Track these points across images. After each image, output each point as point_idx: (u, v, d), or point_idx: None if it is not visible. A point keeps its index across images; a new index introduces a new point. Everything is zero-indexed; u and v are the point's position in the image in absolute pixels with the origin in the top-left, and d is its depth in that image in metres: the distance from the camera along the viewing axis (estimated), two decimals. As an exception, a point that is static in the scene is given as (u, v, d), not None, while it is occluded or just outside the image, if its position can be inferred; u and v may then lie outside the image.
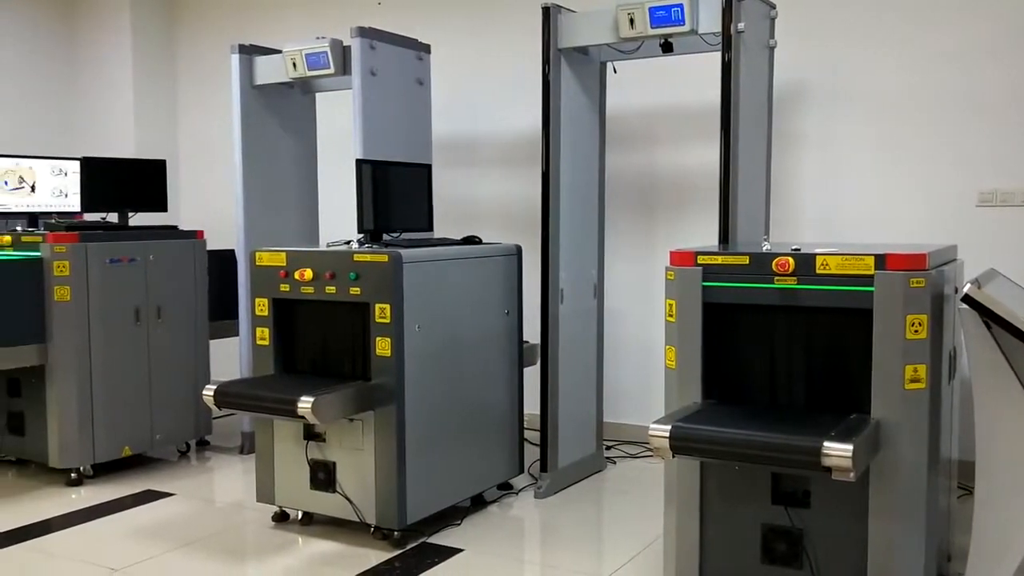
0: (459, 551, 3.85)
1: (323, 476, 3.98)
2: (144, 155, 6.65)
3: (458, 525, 4.13)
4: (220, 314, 5.50)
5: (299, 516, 4.17)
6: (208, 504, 4.64)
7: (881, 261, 2.82)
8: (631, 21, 4.18)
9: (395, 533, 3.86)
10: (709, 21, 4.07)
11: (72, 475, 4.79)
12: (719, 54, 4.02)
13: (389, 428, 3.81)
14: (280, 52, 5.14)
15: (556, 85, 4.48)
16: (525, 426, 4.64)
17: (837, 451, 2.58)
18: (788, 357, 3.12)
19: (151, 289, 5.04)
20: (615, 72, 4.89)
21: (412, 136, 5.10)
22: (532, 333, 4.65)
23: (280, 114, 5.49)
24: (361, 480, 3.90)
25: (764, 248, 3.15)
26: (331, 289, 3.88)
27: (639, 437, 5.12)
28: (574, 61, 4.60)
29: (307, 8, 6.44)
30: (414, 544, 3.90)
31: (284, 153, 5.53)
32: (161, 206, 5.40)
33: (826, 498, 2.99)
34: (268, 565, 3.81)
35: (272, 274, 4.03)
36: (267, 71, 5.28)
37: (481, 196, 5.90)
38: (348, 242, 4.11)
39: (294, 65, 5.05)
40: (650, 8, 4.11)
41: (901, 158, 4.76)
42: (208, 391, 3.88)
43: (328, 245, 4.18)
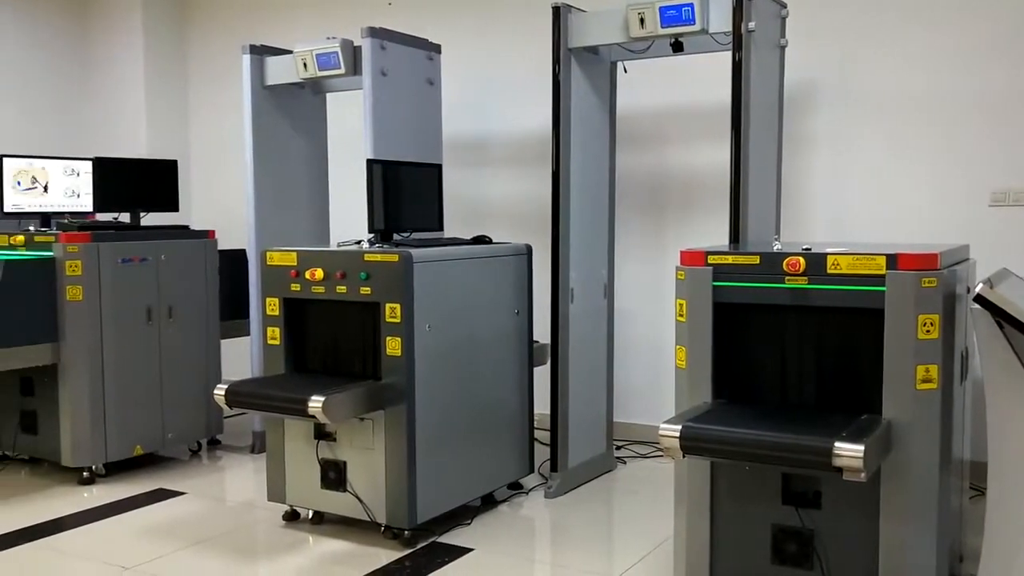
0: (469, 550, 3.85)
1: (334, 475, 4.00)
2: (156, 155, 6.67)
3: (468, 524, 4.14)
4: (231, 314, 5.51)
5: (310, 515, 4.18)
6: (219, 503, 4.66)
7: (893, 261, 2.82)
8: (641, 21, 4.17)
9: (405, 532, 3.87)
10: (719, 20, 4.07)
11: (84, 474, 4.82)
12: (730, 54, 4.01)
13: (399, 427, 3.82)
14: (291, 52, 5.15)
15: (566, 85, 4.48)
16: (535, 426, 4.64)
17: (848, 451, 2.58)
18: (799, 357, 3.11)
19: (163, 289, 5.07)
20: (625, 72, 4.89)
21: (423, 136, 5.10)
22: (542, 333, 4.65)
23: (291, 114, 5.51)
24: (371, 479, 3.90)
25: (775, 248, 3.14)
26: (342, 289, 3.89)
27: (649, 437, 5.11)
28: (584, 61, 4.60)
29: (318, 8, 6.45)
30: (424, 543, 3.91)
31: (295, 153, 5.55)
32: (173, 206, 5.42)
33: (837, 499, 2.98)
34: (279, 564, 3.83)
35: (283, 274, 4.04)
36: (278, 71, 5.29)
37: (491, 196, 5.91)
38: (359, 242, 4.12)
39: (305, 65, 5.06)
40: (660, 7, 4.11)
41: (913, 158, 4.74)
42: (219, 390, 3.89)
43: (339, 245, 4.19)
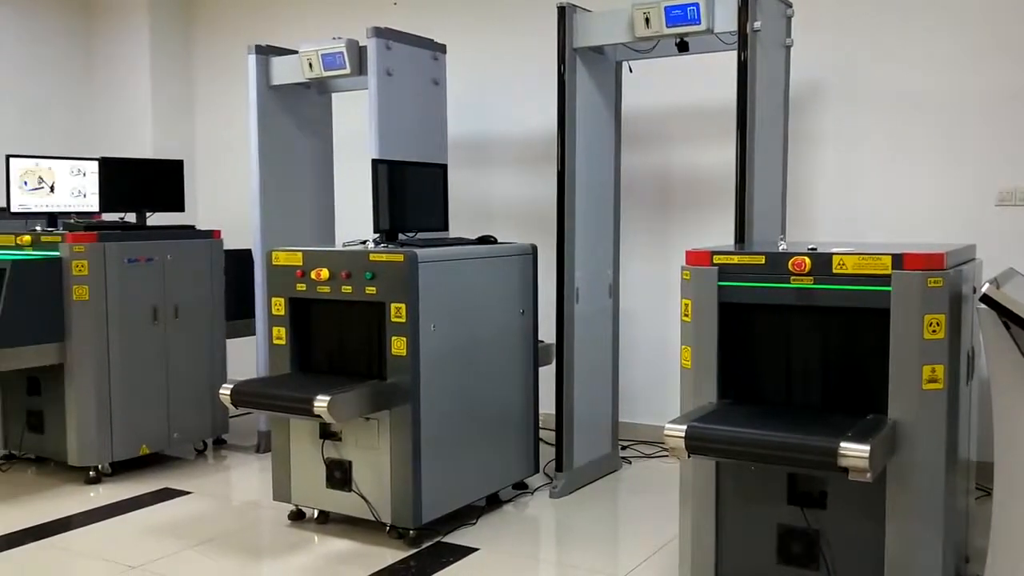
0: (474, 550, 3.85)
1: (339, 475, 4.00)
2: (161, 155, 6.69)
3: (473, 524, 4.14)
4: (237, 313, 5.52)
5: (315, 515, 4.19)
6: (225, 502, 4.67)
7: (898, 261, 2.81)
8: (647, 20, 4.17)
9: (410, 532, 3.87)
10: (725, 20, 4.06)
11: (91, 473, 4.83)
12: (735, 53, 4.01)
13: (405, 427, 3.82)
14: (296, 52, 5.16)
15: (571, 85, 4.48)
16: (540, 426, 4.63)
17: (854, 451, 2.57)
18: (804, 357, 3.11)
19: (168, 288, 5.07)
20: (631, 71, 4.88)
21: (428, 136, 5.11)
22: (547, 333, 4.65)
23: (296, 114, 5.52)
24: (377, 479, 3.91)
25: (780, 248, 3.13)
26: (347, 289, 3.89)
27: (654, 437, 5.10)
28: (589, 60, 4.60)
29: (323, 8, 6.46)
30: (429, 543, 3.91)
31: (300, 153, 5.55)
32: (178, 206, 5.43)
33: (843, 499, 2.97)
34: (284, 563, 3.83)
35: (288, 273, 4.05)
36: (283, 71, 5.30)
37: (496, 196, 5.91)
38: (364, 242, 4.12)
39: (310, 65, 5.07)
40: (666, 7, 4.11)
41: (919, 157, 4.73)
42: (225, 390, 3.90)
43: (344, 245, 4.20)
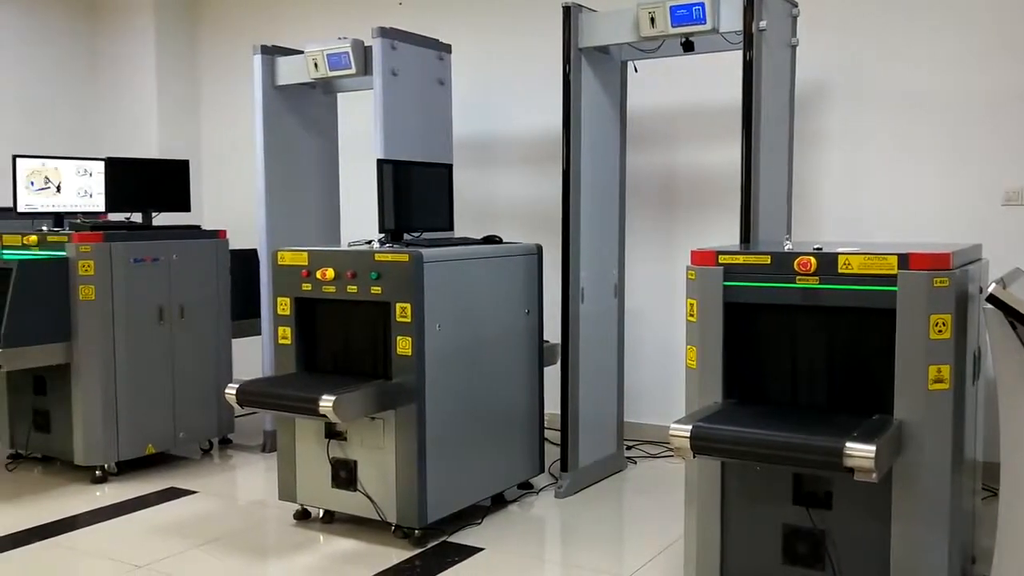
0: (479, 550, 3.86)
1: (344, 474, 4.00)
2: (167, 155, 6.70)
3: (478, 524, 4.14)
4: (242, 313, 5.53)
5: (320, 514, 4.19)
6: (230, 502, 4.68)
7: (904, 261, 2.80)
8: (652, 20, 4.17)
9: (416, 532, 3.88)
10: (730, 20, 4.06)
11: (97, 472, 4.84)
12: (740, 53, 4.00)
13: (410, 427, 3.82)
14: (302, 52, 5.16)
15: (576, 84, 4.48)
16: (545, 425, 4.63)
17: (860, 451, 2.57)
18: (810, 357, 3.10)
19: (174, 288, 5.08)
20: (636, 71, 4.88)
21: (433, 136, 5.11)
22: (552, 332, 4.65)
23: (302, 114, 5.52)
24: (382, 479, 3.91)
25: (786, 247, 3.12)
26: (352, 288, 3.90)
27: (660, 437, 5.08)
28: (595, 60, 4.60)
29: (328, 8, 6.47)
30: (435, 543, 3.91)
31: (306, 153, 5.56)
32: (184, 206, 5.44)
33: (848, 499, 2.97)
34: (289, 563, 3.84)
35: (294, 273, 4.05)
36: (289, 71, 5.30)
37: (501, 195, 5.91)
38: (369, 241, 4.12)
39: (316, 65, 5.07)
40: (671, 7, 4.11)
41: (925, 157, 4.72)
42: (230, 390, 3.91)
43: (349, 244, 4.20)
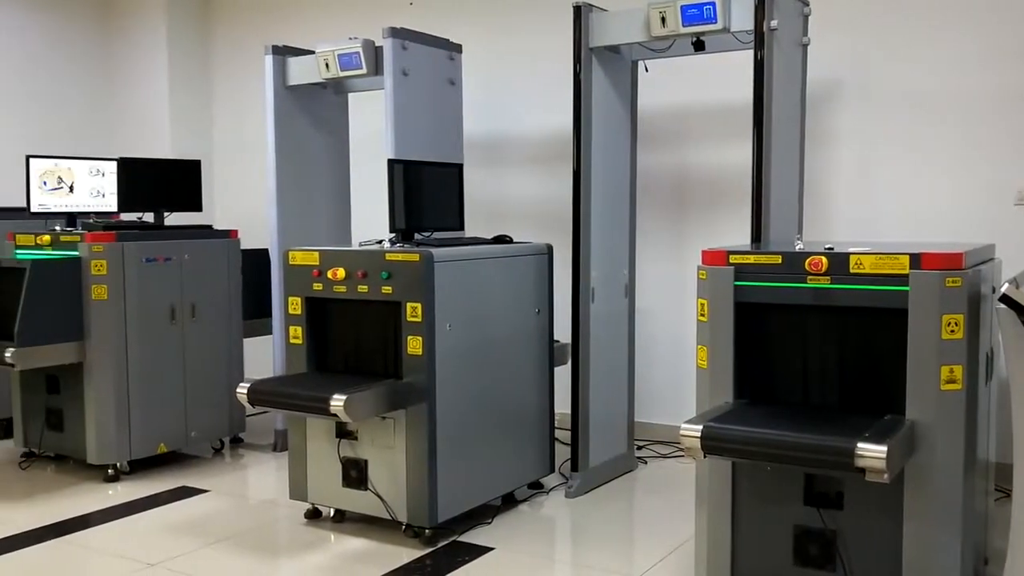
0: (490, 549, 3.86)
1: (355, 474, 4.01)
2: (179, 155, 6.73)
3: (489, 524, 4.14)
4: (254, 313, 5.55)
5: (331, 513, 4.20)
6: (242, 501, 4.69)
7: (916, 260, 2.79)
8: (663, 19, 4.16)
9: (426, 531, 3.88)
10: (741, 19, 4.05)
11: (109, 471, 4.86)
12: (752, 52, 3.99)
13: (420, 426, 3.83)
14: (313, 53, 5.18)
15: (587, 84, 4.47)
16: (556, 425, 4.63)
17: (871, 452, 2.56)
18: (821, 357, 3.09)
19: (186, 288, 5.10)
20: (646, 71, 4.87)
21: (443, 136, 5.11)
22: (563, 332, 4.65)
23: (313, 114, 5.54)
24: (393, 478, 3.92)
25: (797, 247, 3.12)
26: (363, 288, 3.91)
27: (670, 437, 5.09)
28: (605, 60, 4.59)
29: (339, 9, 6.48)
30: (445, 542, 3.92)
31: (317, 153, 5.57)
32: (196, 206, 5.46)
33: (860, 500, 2.96)
34: (300, 562, 3.85)
35: (305, 273, 4.06)
36: (300, 72, 5.32)
37: (512, 195, 5.91)
38: (380, 241, 4.13)
39: (327, 66, 5.08)
40: (682, 6, 4.10)
41: (937, 156, 4.69)
42: (242, 389, 3.92)
43: (360, 244, 4.21)
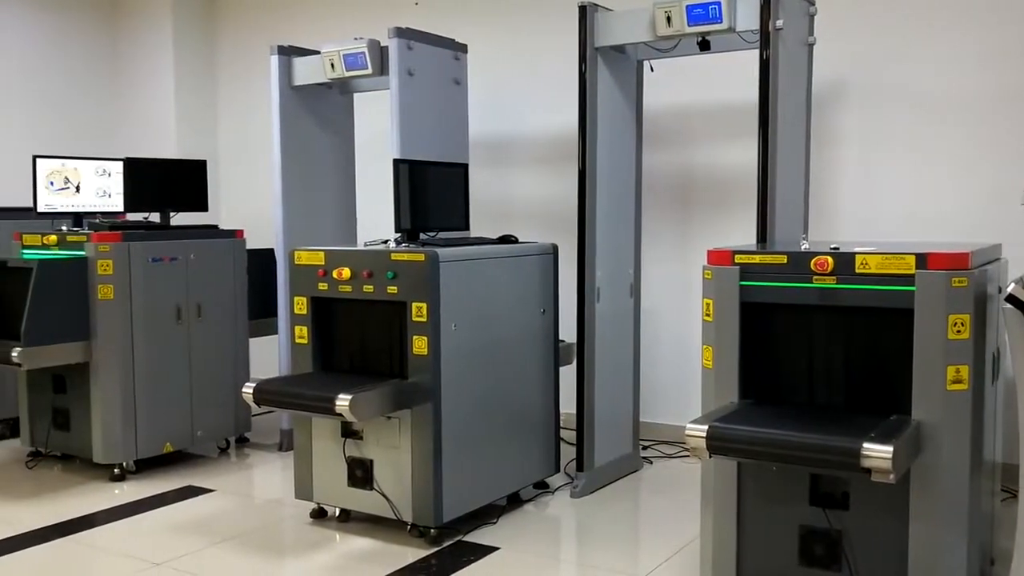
0: (495, 549, 3.86)
1: (360, 473, 4.02)
2: (185, 155, 6.74)
3: (494, 523, 4.14)
4: (259, 312, 5.55)
5: (337, 513, 4.21)
6: (247, 500, 4.70)
7: (922, 260, 2.79)
8: (668, 19, 4.16)
9: (431, 531, 3.89)
10: (747, 18, 4.04)
11: (115, 470, 4.87)
12: (757, 52, 3.99)
13: (426, 426, 3.83)
14: (318, 53, 5.18)
15: (592, 84, 4.47)
16: (561, 425, 4.63)
17: (877, 452, 2.55)
18: (827, 357, 3.09)
19: (192, 288, 5.11)
20: (652, 70, 4.87)
21: (449, 135, 5.12)
22: (568, 332, 4.65)
23: (318, 114, 5.54)
24: (398, 478, 3.92)
25: (802, 247, 3.12)
26: (369, 288, 3.91)
27: (676, 437, 5.09)
28: (611, 60, 4.59)
29: (345, 9, 6.49)
30: (450, 542, 3.92)
31: (322, 153, 5.58)
32: (202, 206, 5.47)
33: (865, 500, 2.95)
34: (306, 561, 3.85)
35: (311, 273, 4.07)
36: (306, 72, 5.32)
37: (517, 195, 5.91)
38: (385, 241, 4.14)
39: (332, 66, 5.09)
40: (687, 6, 4.09)
41: (943, 156, 4.68)
42: (248, 389, 3.92)
43: (366, 244, 4.21)
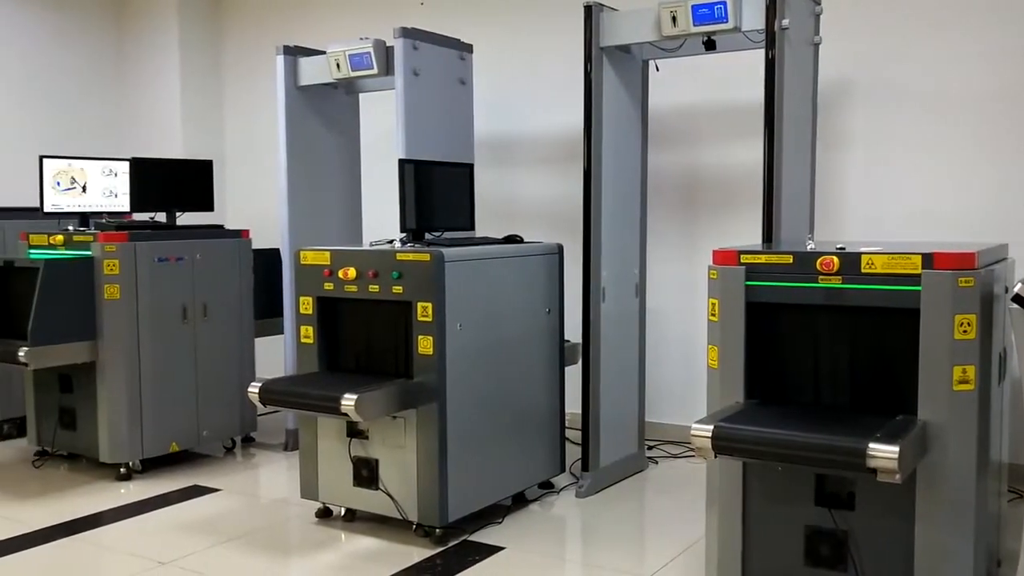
0: (500, 549, 3.86)
1: (366, 473, 4.02)
2: (191, 155, 6.75)
3: (499, 523, 4.14)
4: (265, 312, 5.56)
5: (342, 512, 4.21)
6: (253, 500, 4.71)
7: (929, 260, 2.78)
8: (673, 19, 4.16)
9: (437, 530, 3.89)
10: (752, 18, 4.04)
11: (121, 470, 4.88)
12: (763, 52, 3.98)
13: (431, 426, 3.84)
14: (324, 53, 5.19)
15: (598, 84, 4.47)
16: (566, 425, 4.63)
17: (883, 452, 2.55)
18: (832, 357, 3.08)
19: (198, 287, 5.12)
20: (657, 70, 4.87)
21: (454, 135, 5.12)
22: (574, 332, 4.65)
23: (324, 114, 5.55)
24: (403, 477, 3.92)
25: (808, 247, 3.11)
26: (374, 288, 3.91)
27: (681, 437, 5.08)
28: (616, 59, 4.59)
29: (350, 9, 6.49)
30: (456, 542, 3.92)
31: (328, 153, 5.59)
32: (208, 206, 5.48)
33: (871, 500, 2.95)
34: (311, 561, 3.86)
35: (316, 273, 4.07)
36: (311, 72, 5.33)
37: (523, 195, 5.91)
38: (391, 241, 4.14)
39: (338, 66, 5.10)
40: (693, 6, 4.09)
41: (949, 156, 4.67)
42: (253, 388, 3.93)
43: (371, 244, 4.22)
